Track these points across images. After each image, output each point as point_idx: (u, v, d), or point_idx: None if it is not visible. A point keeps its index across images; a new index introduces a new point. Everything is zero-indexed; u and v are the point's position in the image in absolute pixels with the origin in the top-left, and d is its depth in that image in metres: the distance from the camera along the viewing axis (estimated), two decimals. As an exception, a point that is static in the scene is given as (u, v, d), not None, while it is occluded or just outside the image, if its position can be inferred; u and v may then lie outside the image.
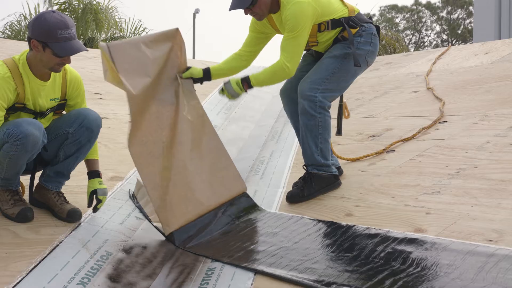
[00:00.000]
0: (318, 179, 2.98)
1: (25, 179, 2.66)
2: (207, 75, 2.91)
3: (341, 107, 3.26)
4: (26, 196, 2.67)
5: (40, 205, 2.64)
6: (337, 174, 3.09)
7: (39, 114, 2.51)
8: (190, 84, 2.89)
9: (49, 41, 2.30)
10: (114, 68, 2.61)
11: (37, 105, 2.48)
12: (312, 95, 2.89)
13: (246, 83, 2.83)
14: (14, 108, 2.39)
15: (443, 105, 4.12)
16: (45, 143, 2.42)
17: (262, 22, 2.99)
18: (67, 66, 2.54)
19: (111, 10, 14.63)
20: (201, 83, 2.94)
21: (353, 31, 2.94)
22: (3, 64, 2.35)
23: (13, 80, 2.33)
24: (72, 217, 2.53)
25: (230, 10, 2.87)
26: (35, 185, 2.70)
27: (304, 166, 3.06)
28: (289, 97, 3.14)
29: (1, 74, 2.30)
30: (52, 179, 2.62)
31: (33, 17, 2.36)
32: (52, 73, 2.48)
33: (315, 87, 2.90)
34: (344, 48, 2.94)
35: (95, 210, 2.62)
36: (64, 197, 2.64)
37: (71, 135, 2.54)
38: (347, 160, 3.52)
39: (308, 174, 3.01)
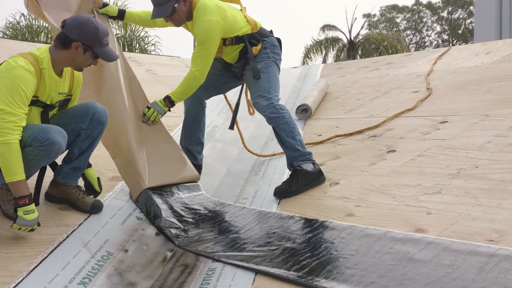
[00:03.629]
0: (304, 175, 3.12)
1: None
2: (121, 15, 3.38)
3: (237, 105, 3.63)
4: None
5: (58, 200, 2.70)
6: (316, 163, 3.22)
7: (49, 107, 2.56)
8: (105, 19, 3.26)
9: (95, 46, 2.43)
10: (37, 4, 3.00)
11: (50, 99, 2.53)
12: (270, 103, 3.17)
13: (168, 101, 3.17)
14: None
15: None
16: (64, 151, 2.49)
17: None
18: None
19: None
20: (114, 20, 3.41)
21: (259, 46, 3.30)
22: (25, 59, 2.38)
23: (35, 75, 2.39)
24: (96, 208, 2.66)
25: (152, 19, 3.18)
26: (43, 183, 2.70)
27: (288, 166, 3.21)
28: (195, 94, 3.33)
29: (26, 68, 2.35)
30: (70, 175, 2.68)
31: (73, 19, 2.44)
32: (64, 69, 2.56)
33: (267, 96, 3.19)
34: (261, 61, 3.29)
35: (96, 195, 2.81)
36: (83, 190, 2.72)
37: (84, 131, 2.61)
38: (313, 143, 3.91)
39: (295, 171, 3.14)
